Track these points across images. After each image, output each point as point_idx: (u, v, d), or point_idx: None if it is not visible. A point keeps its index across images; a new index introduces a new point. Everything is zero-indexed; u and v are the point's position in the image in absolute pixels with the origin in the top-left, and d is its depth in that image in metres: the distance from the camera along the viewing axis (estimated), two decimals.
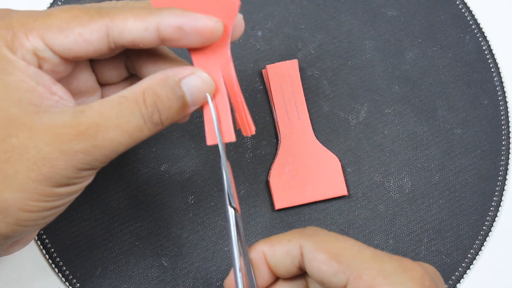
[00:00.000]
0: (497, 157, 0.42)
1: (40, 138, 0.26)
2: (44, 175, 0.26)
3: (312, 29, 0.44)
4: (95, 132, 0.26)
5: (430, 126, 0.43)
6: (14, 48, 0.27)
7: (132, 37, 0.27)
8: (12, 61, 0.27)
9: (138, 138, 0.27)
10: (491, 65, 0.44)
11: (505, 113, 0.43)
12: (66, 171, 0.26)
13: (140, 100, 0.27)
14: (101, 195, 0.41)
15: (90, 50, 0.28)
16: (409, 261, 0.27)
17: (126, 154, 0.41)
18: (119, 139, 0.27)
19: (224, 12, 0.28)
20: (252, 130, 0.31)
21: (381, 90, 0.43)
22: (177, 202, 0.41)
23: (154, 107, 0.27)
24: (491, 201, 0.42)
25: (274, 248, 0.29)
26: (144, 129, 0.27)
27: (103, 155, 0.27)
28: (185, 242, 0.40)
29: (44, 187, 0.26)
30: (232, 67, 0.29)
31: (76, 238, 0.40)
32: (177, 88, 0.28)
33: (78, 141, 0.26)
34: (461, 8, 0.45)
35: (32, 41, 0.27)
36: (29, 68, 0.27)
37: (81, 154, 0.26)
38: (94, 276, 0.40)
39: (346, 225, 0.41)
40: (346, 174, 0.42)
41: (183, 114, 0.29)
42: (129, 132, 0.27)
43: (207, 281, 0.40)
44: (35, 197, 0.26)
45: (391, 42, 0.44)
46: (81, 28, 0.27)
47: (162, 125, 0.28)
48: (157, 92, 0.27)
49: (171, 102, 0.28)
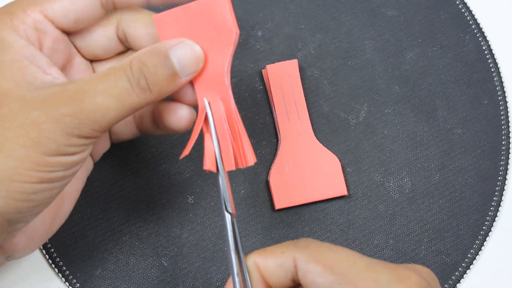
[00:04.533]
0: (497, 157, 0.42)
1: (30, 106, 0.26)
2: (33, 140, 0.26)
3: (312, 29, 0.44)
4: (82, 96, 0.27)
5: (430, 126, 0.43)
6: (15, 26, 0.28)
7: None
8: (9, 42, 0.28)
9: (127, 103, 0.27)
10: (491, 65, 0.44)
11: (505, 113, 0.43)
12: (54, 135, 0.26)
13: (127, 67, 0.28)
14: (101, 195, 0.41)
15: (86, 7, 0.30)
16: (404, 269, 0.27)
17: (126, 154, 0.41)
18: (107, 103, 0.27)
19: (222, 40, 0.29)
20: (248, 161, 0.30)
21: (381, 90, 0.43)
22: (177, 202, 0.41)
23: (140, 72, 0.28)
24: (491, 201, 0.42)
25: (267, 260, 0.28)
26: (131, 94, 0.27)
27: (92, 120, 0.27)
28: (185, 242, 0.40)
29: (34, 154, 0.26)
30: (230, 95, 0.30)
31: (76, 238, 0.40)
32: (164, 56, 0.28)
33: (65, 105, 0.26)
34: (461, 8, 0.45)
35: (32, 15, 0.29)
36: (26, 48, 0.28)
37: (69, 118, 0.26)
38: (94, 276, 0.40)
39: (346, 225, 0.41)
40: (346, 174, 0.42)
41: (174, 83, 0.29)
42: (116, 96, 0.27)
43: (207, 281, 0.40)
44: (26, 165, 0.26)
45: (391, 42, 0.44)
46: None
47: (150, 91, 0.28)
48: (144, 59, 0.28)
49: (156, 68, 0.28)
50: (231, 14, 0.29)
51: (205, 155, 0.30)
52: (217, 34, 0.29)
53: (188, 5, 0.29)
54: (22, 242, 0.31)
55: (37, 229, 0.31)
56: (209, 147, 0.30)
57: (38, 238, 0.32)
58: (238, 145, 0.30)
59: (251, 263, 0.29)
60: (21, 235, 0.30)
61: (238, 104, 0.42)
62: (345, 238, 0.41)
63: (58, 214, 0.33)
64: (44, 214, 0.31)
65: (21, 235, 0.30)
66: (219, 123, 0.30)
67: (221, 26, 0.29)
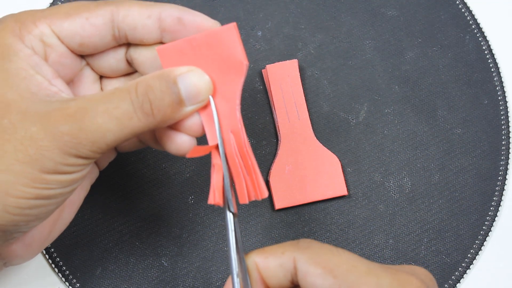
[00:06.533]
0: (497, 157, 0.42)
1: (30, 120, 0.26)
2: (31, 157, 0.26)
3: (312, 29, 0.44)
4: (82, 116, 0.26)
5: (430, 126, 0.43)
6: (22, 35, 0.28)
7: (135, 23, 0.29)
8: (15, 50, 0.27)
9: (128, 127, 0.27)
10: (491, 65, 0.44)
11: (505, 113, 0.43)
12: (52, 153, 0.26)
13: (132, 89, 0.27)
14: (101, 195, 0.41)
15: (95, 36, 0.29)
16: (404, 274, 0.27)
17: (126, 154, 0.41)
18: (107, 125, 0.26)
19: (232, 72, 0.28)
20: (263, 193, 0.29)
21: (381, 90, 0.43)
22: (177, 202, 0.41)
23: (145, 96, 0.27)
24: (491, 201, 0.42)
25: (267, 260, 0.28)
26: (133, 117, 0.27)
27: (90, 141, 0.26)
28: (185, 242, 0.40)
29: (32, 171, 0.26)
30: (242, 129, 0.29)
31: (76, 238, 0.40)
32: (171, 83, 0.28)
33: (65, 123, 0.26)
34: (461, 8, 0.45)
35: (40, 27, 0.28)
36: (31, 57, 0.28)
37: (67, 137, 0.26)
38: (94, 276, 0.40)
39: (346, 225, 0.41)
40: (346, 174, 0.42)
41: (179, 111, 0.28)
42: (117, 118, 0.26)
43: (207, 281, 0.40)
44: (22, 181, 0.26)
45: (391, 42, 0.44)
46: (88, 13, 0.29)
47: (153, 117, 0.27)
48: (150, 83, 0.27)
49: (163, 94, 0.27)
50: (240, 45, 0.28)
51: (212, 189, 0.29)
52: (226, 65, 0.28)
53: (193, 37, 0.28)
54: (20, 249, 0.31)
55: (35, 237, 0.31)
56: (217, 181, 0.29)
57: (36, 245, 0.32)
58: (252, 178, 0.29)
59: (251, 263, 0.28)
60: (19, 243, 0.30)
61: None
62: (345, 238, 0.41)
63: (58, 223, 0.32)
64: (43, 223, 0.31)
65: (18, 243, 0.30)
66: (231, 157, 0.29)
67: (230, 57, 0.28)
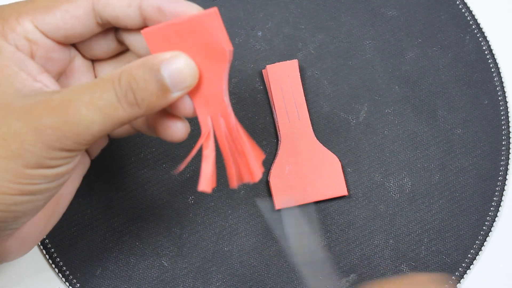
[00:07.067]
0: (497, 157, 0.42)
1: (13, 116, 0.26)
2: (13, 152, 0.25)
3: (312, 29, 0.44)
4: (66, 108, 0.26)
5: (430, 126, 0.43)
6: (5, 33, 0.27)
7: (116, 13, 0.28)
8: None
9: (113, 117, 0.26)
10: (491, 65, 0.44)
11: (505, 113, 0.43)
12: (35, 147, 0.25)
13: (115, 79, 0.26)
14: (101, 195, 0.41)
15: (79, 27, 0.29)
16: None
17: (126, 154, 0.41)
18: (91, 116, 0.26)
19: (216, 58, 0.28)
20: (255, 176, 0.29)
21: (381, 90, 0.43)
22: (177, 202, 0.41)
23: (128, 86, 0.26)
24: (491, 201, 0.42)
25: None
26: (118, 108, 0.26)
27: (75, 133, 0.26)
28: (185, 242, 0.40)
29: (14, 166, 0.25)
30: (231, 113, 0.29)
31: (76, 238, 0.40)
32: (154, 70, 0.27)
33: (48, 116, 0.25)
34: (461, 8, 0.45)
35: (23, 24, 0.28)
36: (15, 54, 0.27)
37: (51, 130, 0.25)
38: (94, 276, 0.40)
39: (346, 225, 0.41)
40: (346, 174, 0.42)
41: (164, 98, 0.27)
42: (101, 109, 0.26)
43: (207, 281, 0.40)
44: (5, 176, 0.25)
45: (391, 42, 0.44)
46: (67, 4, 0.28)
47: (138, 106, 0.27)
48: (133, 73, 0.27)
49: (146, 83, 0.27)
50: (222, 31, 0.28)
51: (202, 175, 0.29)
52: (210, 51, 0.28)
53: (175, 21, 0.28)
54: (15, 245, 0.30)
55: (30, 232, 0.31)
56: (206, 167, 0.29)
57: (31, 240, 0.31)
58: (245, 161, 0.29)
59: None
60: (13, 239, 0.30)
61: (238, 104, 0.42)
62: (345, 238, 0.41)
63: (52, 216, 0.32)
64: (37, 217, 0.31)
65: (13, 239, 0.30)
66: (221, 140, 0.29)
67: (213, 43, 0.28)
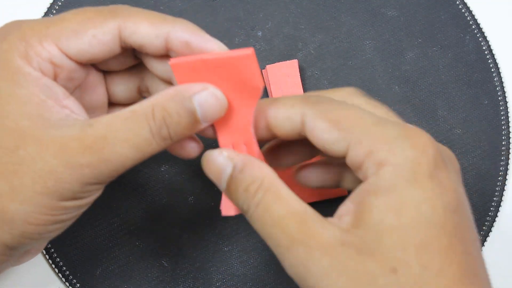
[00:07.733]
0: (497, 157, 0.42)
1: (47, 151, 0.26)
2: (49, 189, 0.26)
3: (312, 29, 0.44)
4: (102, 146, 0.26)
5: (430, 126, 0.43)
6: (29, 57, 0.27)
7: (141, 41, 0.28)
8: (24, 74, 0.27)
9: (146, 152, 0.27)
10: (491, 65, 0.44)
11: (505, 113, 0.43)
12: (71, 185, 0.26)
13: (149, 114, 0.26)
14: (101, 196, 0.41)
15: (104, 51, 0.28)
16: (416, 129, 0.26)
17: None
18: (127, 154, 0.26)
19: (247, 93, 0.28)
20: None
21: (381, 90, 0.43)
22: (177, 202, 0.41)
23: (162, 121, 0.27)
24: (491, 201, 0.42)
25: (277, 110, 0.28)
26: (152, 143, 0.27)
27: (110, 170, 0.26)
28: (185, 242, 0.40)
29: (50, 201, 0.26)
30: (255, 143, 0.29)
31: (76, 238, 0.40)
32: (187, 104, 0.27)
33: (84, 154, 0.26)
34: (461, 8, 0.45)
35: (47, 48, 0.27)
36: (41, 80, 0.27)
37: (87, 169, 0.26)
38: (94, 276, 0.40)
39: None
40: None
41: (193, 130, 0.28)
42: (136, 146, 0.26)
43: (207, 281, 0.40)
44: (41, 210, 0.26)
45: (391, 42, 0.44)
46: (94, 30, 0.27)
47: (171, 139, 0.27)
48: (167, 107, 0.27)
49: (180, 117, 0.27)
50: (258, 72, 0.27)
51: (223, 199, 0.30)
52: (241, 86, 0.27)
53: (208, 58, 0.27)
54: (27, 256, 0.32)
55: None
56: None
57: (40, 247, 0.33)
58: None
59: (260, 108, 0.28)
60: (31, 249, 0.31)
61: None
62: None
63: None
64: None
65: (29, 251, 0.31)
66: None
67: (246, 80, 0.27)
